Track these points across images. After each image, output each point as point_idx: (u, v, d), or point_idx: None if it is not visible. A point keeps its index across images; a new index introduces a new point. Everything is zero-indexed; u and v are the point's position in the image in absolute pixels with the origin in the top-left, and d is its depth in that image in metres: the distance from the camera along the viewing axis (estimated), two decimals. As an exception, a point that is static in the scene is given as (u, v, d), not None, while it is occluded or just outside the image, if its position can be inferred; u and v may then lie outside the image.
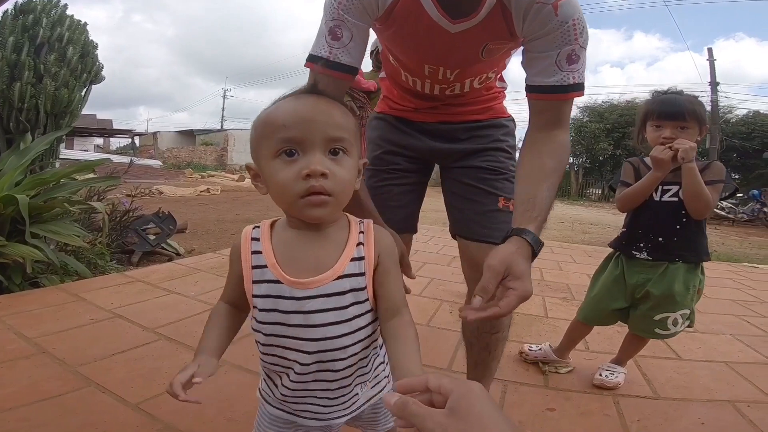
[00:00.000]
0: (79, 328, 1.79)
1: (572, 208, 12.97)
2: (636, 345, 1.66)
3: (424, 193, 1.35)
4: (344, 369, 0.71)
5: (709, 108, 15.19)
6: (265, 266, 0.68)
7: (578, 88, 0.93)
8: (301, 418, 0.75)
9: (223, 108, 42.38)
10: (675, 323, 1.50)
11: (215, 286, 2.46)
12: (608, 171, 19.58)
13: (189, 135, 29.09)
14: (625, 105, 19.75)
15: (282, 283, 0.66)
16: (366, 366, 0.75)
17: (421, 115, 1.25)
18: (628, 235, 1.56)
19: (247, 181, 13.07)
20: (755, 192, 11.47)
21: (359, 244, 0.70)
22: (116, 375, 1.44)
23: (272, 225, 0.73)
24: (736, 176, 16.86)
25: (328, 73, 1.00)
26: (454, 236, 1.25)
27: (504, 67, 1.18)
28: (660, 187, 1.48)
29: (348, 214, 0.74)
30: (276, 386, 0.75)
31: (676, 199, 1.45)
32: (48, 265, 2.48)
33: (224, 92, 41.09)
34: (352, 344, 0.70)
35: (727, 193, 1.55)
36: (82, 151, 23.22)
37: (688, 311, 1.50)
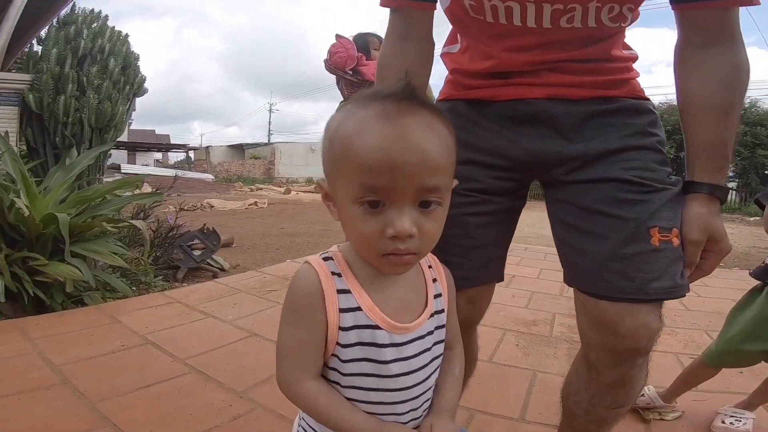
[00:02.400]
0: (108, 356, 1.66)
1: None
2: None
3: (516, 224, 0.94)
4: (426, 409, 0.64)
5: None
6: (358, 309, 0.57)
7: None
8: None
9: (269, 122, 43.71)
10: None
11: (253, 309, 2.29)
12: (672, 175, 18.39)
13: (239, 149, 30.17)
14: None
15: (381, 328, 0.57)
16: None
17: (514, 89, 0.81)
18: None
19: (293, 194, 13.21)
20: None
21: (434, 279, 0.65)
22: (136, 415, 1.27)
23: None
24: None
25: (392, 5, 0.86)
26: (570, 285, 0.86)
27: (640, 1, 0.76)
28: None
29: None
30: None
31: None
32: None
33: (270, 106, 42.39)
34: (433, 383, 0.64)
35: None
36: (143, 165, 24.63)
37: None
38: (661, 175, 0.78)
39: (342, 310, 0.56)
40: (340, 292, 0.56)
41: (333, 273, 0.57)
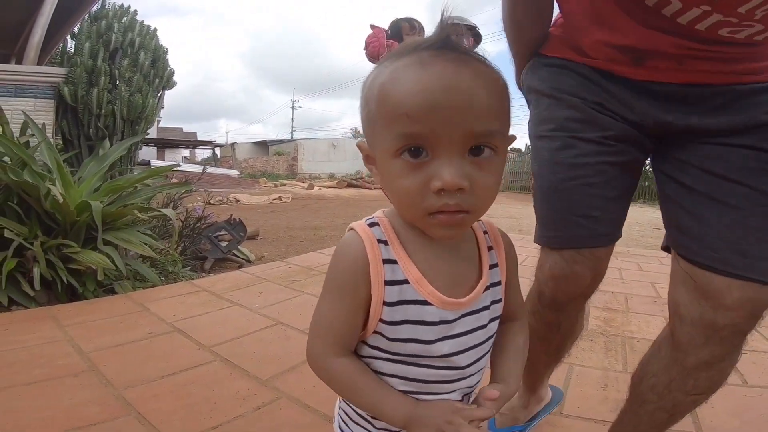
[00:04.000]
0: (135, 343, 1.66)
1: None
2: None
3: (638, 180, 0.87)
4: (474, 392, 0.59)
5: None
6: (405, 282, 0.51)
7: None
8: None
9: (292, 119, 44.32)
10: None
11: (278, 298, 2.28)
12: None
13: (263, 146, 30.63)
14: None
15: (430, 304, 0.51)
16: None
17: (647, 71, 0.74)
18: None
19: (316, 190, 13.28)
20: None
21: (490, 248, 0.58)
22: (160, 403, 1.26)
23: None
24: None
25: None
26: (668, 249, 0.81)
27: None
28: None
29: None
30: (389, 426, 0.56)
31: None
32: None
33: (293, 103, 42.77)
34: (486, 365, 0.59)
35: None
36: (172, 162, 25.26)
37: None
38: None
39: (387, 283, 0.50)
40: (386, 262, 0.51)
41: (379, 241, 0.52)
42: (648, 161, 0.87)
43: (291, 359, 1.56)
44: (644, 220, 6.88)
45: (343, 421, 0.62)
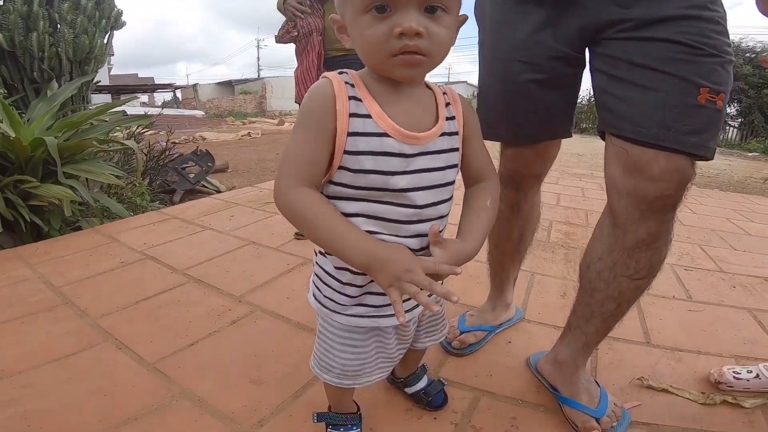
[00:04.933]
0: (107, 273, 1.67)
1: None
2: None
3: (579, 86, 0.97)
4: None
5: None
6: (368, 116, 0.59)
7: None
8: (382, 318, 0.66)
9: (258, 58, 41.98)
10: None
11: (250, 220, 2.29)
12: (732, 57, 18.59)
13: (228, 86, 29.16)
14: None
15: (390, 136, 0.59)
16: None
17: None
18: None
19: (287, 125, 12.90)
20: None
21: (447, 104, 0.66)
22: (137, 327, 1.29)
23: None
24: None
25: None
26: (603, 135, 0.88)
27: None
28: None
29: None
30: (354, 279, 0.63)
31: None
32: (88, 207, 2.41)
33: (258, 42, 40.41)
34: (446, 214, 0.66)
35: None
36: (129, 107, 23.84)
37: None
38: (717, 43, 0.76)
39: (352, 115, 0.58)
40: (351, 98, 0.58)
41: (346, 83, 0.60)
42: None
43: (264, 275, 1.59)
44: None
45: (316, 287, 0.67)
